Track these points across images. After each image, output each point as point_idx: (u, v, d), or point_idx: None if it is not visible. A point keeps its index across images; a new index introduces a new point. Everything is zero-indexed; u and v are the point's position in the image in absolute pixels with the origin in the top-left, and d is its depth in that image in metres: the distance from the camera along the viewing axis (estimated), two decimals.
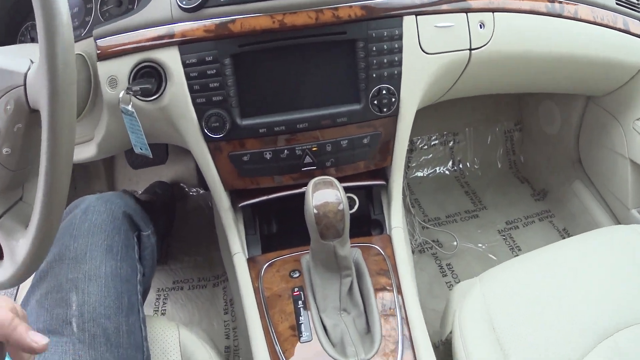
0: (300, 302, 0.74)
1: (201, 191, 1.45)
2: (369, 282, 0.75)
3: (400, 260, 0.80)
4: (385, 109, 0.80)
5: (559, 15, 0.87)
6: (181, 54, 0.73)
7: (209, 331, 1.15)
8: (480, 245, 1.34)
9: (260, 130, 0.78)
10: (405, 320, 0.72)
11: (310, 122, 0.79)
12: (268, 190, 0.85)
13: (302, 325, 0.71)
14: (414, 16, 0.77)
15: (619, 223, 0.95)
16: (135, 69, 0.73)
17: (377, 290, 0.75)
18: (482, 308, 0.75)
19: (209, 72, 0.74)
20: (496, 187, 1.51)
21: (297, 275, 0.78)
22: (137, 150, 0.80)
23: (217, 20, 0.72)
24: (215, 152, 0.79)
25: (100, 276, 0.69)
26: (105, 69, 0.73)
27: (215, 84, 0.74)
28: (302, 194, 0.70)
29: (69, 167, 0.50)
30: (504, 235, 1.36)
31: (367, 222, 0.92)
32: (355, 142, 0.82)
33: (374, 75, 0.77)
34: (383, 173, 0.90)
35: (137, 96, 0.73)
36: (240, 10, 0.72)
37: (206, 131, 0.76)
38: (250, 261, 0.82)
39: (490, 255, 1.31)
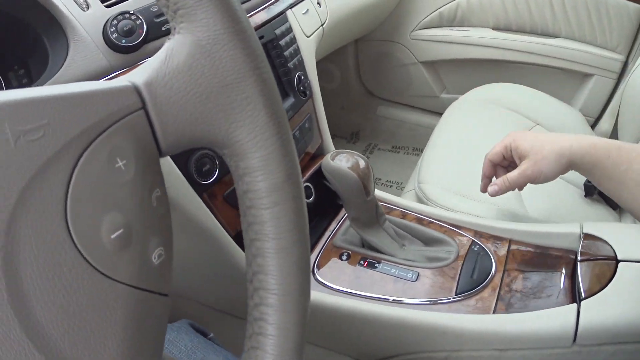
0: (376, 264, 0.78)
1: None
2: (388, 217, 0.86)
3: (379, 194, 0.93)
4: (307, 92, 0.91)
5: None
6: None
7: None
8: None
9: None
10: (427, 216, 0.85)
11: None
12: None
13: (400, 273, 0.77)
14: (290, 10, 0.89)
15: (439, 113, 1.25)
16: None
17: (400, 217, 0.87)
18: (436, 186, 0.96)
19: None
20: None
21: (347, 255, 0.81)
22: None
23: None
24: (210, 201, 0.72)
25: None
26: None
27: None
28: None
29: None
30: None
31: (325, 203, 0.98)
32: (303, 129, 0.90)
33: (291, 65, 0.87)
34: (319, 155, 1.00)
35: None
36: None
37: (197, 179, 0.67)
38: None
39: None
